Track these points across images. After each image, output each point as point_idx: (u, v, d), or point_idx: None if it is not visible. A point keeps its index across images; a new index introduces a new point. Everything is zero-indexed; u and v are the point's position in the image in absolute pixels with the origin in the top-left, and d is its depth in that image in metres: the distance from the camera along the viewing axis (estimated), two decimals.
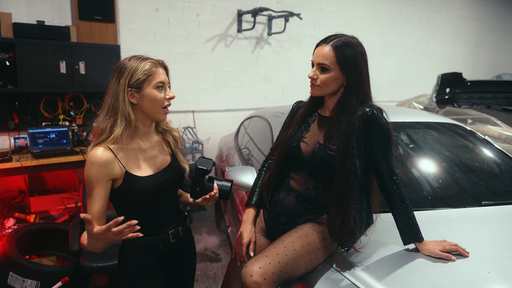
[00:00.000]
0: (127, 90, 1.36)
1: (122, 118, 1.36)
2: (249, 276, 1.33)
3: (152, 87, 1.37)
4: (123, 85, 1.35)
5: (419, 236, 1.50)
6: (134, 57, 1.39)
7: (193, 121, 4.76)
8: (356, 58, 1.46)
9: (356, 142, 1.45)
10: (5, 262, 2.60)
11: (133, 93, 1.37)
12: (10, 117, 3.59)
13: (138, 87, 1.36)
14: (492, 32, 8.36)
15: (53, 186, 3.81)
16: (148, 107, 1.39)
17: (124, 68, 1.36)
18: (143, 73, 1.35)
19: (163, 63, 1.44)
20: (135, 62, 1.37)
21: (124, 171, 1.38)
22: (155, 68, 1.38)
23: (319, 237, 1.47)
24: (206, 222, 4.30)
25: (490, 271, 1.40)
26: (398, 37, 6.69)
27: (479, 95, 5.09)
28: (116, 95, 1.36)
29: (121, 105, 1.35)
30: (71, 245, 2.58)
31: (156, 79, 1.38)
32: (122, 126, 1.36)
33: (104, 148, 1.35)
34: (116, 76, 1.37)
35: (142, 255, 1.47)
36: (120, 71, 1.37)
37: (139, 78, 1.35)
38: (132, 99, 1.37)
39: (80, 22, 3.66)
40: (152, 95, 1.38)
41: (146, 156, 1.46)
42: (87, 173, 1.34)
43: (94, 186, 1.33)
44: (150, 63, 1.38)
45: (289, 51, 5.47)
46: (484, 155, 2.54)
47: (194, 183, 1.48)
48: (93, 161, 1.33)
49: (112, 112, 1.37)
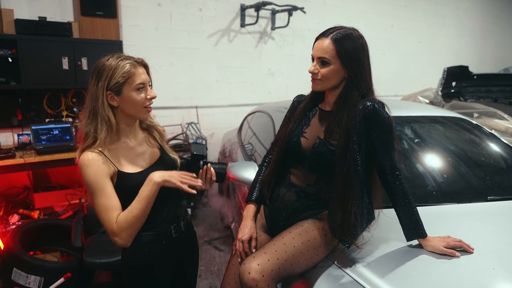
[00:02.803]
0: (106, 93, 1.32)
1: (103, 122, 1.34)
2: (247, 273, 1.31)
3: (132, 90, 1.34)
4: (101, 89, 1.32)
5: (423, 232, 1.47)
6: (113, 57, 1.35)
7: (197, 116, 4.74)
8: (356, 51, 1.42)
9: (357, 136, 1.42)
10: (9, 258, 2.61)
11: (112, 96, 1.34)
12: (14, 113, 3.60)
13: (117, 90, 1.33)
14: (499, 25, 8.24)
15: (57, 182, 3.82)
16: (129, 109, 1.37)
17: (103, 69, 1.32)
18: (122, 75, 1.32)
19: (143, 61, 1.41)
20: (113, 62, 1.33)
21: (116, 170, 1.37)
22: (134, 69, 1.34)
23: (319, 233, 1.45)
24: (209, 217, 4.30)
25: (495, 267, 1.38)
26: (403, 30, 6.61)
27: (486, 88, 5.02)
28: (95, 99, 1.33)
29: (100, 109, 1.33)
30: (73, 241, 2.58)
31: (135, 81, 1.34)
32: (104, 130, 1.34)
33: (91, 151, 1.34)
34: (94, 78, 1.34)
35: (146, 251, 1.46)
36: (98, 73, 1.33)
37: (118, 81, 1.32)
38: (112, 102, 1.35)
39: (82, 18, 3.65)
40: (132, 97, 1.34)
41: (135, 153, 1.45)
42: (86, 177, 1.33)
43: (99, 185, 1.32)
44: (129, 63, 1.34)
45: (292, 46, 5.43)
46: (491, 149, 2.50)
47: (191, 170, 1.48)
48: (88, 164, 1.32)
49: (93, 116, 1.35)
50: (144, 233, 1.44)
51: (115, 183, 1.38)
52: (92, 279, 2.89)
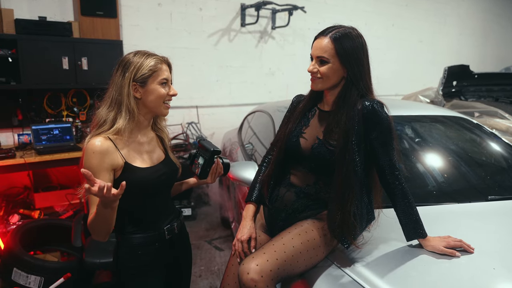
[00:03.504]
0: (132, 84, 1.38)
1: (127, 111, 1.38)
2: (246, 273, 1.30)
3: (157, 83, 1.40)
4: (128, 79, 1.37)
5: (422, 232, 1.47)
6: (140, 53, 1.42)
7: (197, 116, 4.74)
8: (355, 50, 1.42)
9: (356, 137, 1.41)
10: (9, 258, 2.61)
11: (137, 88, 1.39)
12: (14, 113, 3.61)
13: (143, 82, 1.39)
14: (500, 24, 8.21)
15: (57, 182, 3.82)
16: (151, 102, 1.42)
17: (130, 62, 1.39)
18: (149, 68, 1.38)
19: (167, 60, 1.47)
20: (141, 58, 1.40)
21: (123, 161, 1.39)
22: (160, 65, 1.41)
23: (319, 233, 1.45)
24: (210, 217, 4.30)
25: (496, 267, 1.37)
26: (404, 29, 6.59)
27: (487, 87, 5.01)
28: (120, 89, 1.38)
29: (125, 98, 1.38)
30: (73, 241, 2.58)
31: (160, 75, 1.41)
32: (125, 119, 1.38)
33: (104, 137, 1.36)
34: (121, 70, 1.40)
35: (139, 253, 1.47)
36: (125, 65, 1.39)
37: (144, 73, 1.38)
38: (136, 93, 1.40)
39: (82, 18, 3.66)
40: (156, 90, 1.40)
41: (144, 150, 1.47)
42: (88, 162, 1.32)
43: (98, 176, 1.31)
44: (155, 59, 1.41)
45: (293, 45, 5.42)
46: (491, 149, 2.49)
47: (207, 164, 1.56)
48: (94, 150, 1.32)
49: (115, 105, 1.39)
50: (137, 235, 1.46)
51: (120, 175, 1.38)
52: (92, 279, 2.89)
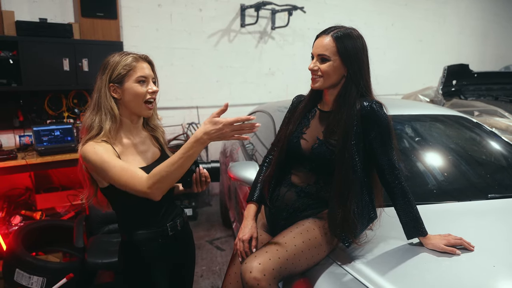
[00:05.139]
0: (109, 85, 1.39)
1: (106, 112, 1.38)
2: (249, 272, 1.31)
3: (133, 81, 1.40)
4: (105, 80, 1.39)
5: (423, 230, 1.47)
6: (118, 53, 1.43)
7: (197, 117, 4.74)
8: (356, 50, 1.43)
9: (355, 137, 1.43)
10: (12, 259, 2.62)
11: (115, 88, 1.40)
12: (15, 115, 3.62)
13: (119, 81, 1.39)
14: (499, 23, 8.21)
15: (59, 183, 3.83)
16: (130, 102, 1.41)
17: (108, 63, 1.40)
18: (124, 67, 1.38)
19: (147, 57, 1.47)
20: (118, 57, 1.40)
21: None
22: (135, 63, 1.40)
23: (320, 232, 1.46)
24: (211, 217, 4.31)
25: (496, 265, 1.38)
26: (404, 29, 6.60)
27: (487, 86, 5.02)
28: (99, 91, 1.39)
29: (103, 100, 1.38)
30: (76, 241, 2.59)
31: (137, 73, 1.40)
32: (108, 121, 1.38)
33: (96, 142, 1.36)
34: (101, 72, 1.41)
35: (143, 250, 1.47)
36: (104, 67, 1.41)
37: (120, 72, 1.38)
38: (114, 94, 1.40)
39: (82, 19, 3.66)
40: (133, 89, 1.39)
41: (137, 150, 1.48)
42: (94, 158, 1.31)
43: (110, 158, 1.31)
44: (132, 57, 1.41)
45: (293, 45, 5.43)
46: (491, 147, 2.50)
47: (186, 174, 1.45)
48: (94, 146, 1.33)
49: (97, 108, 1.39)
50: (140, 231, 1.46)
51: None
52: (94, 280, 2.90)
